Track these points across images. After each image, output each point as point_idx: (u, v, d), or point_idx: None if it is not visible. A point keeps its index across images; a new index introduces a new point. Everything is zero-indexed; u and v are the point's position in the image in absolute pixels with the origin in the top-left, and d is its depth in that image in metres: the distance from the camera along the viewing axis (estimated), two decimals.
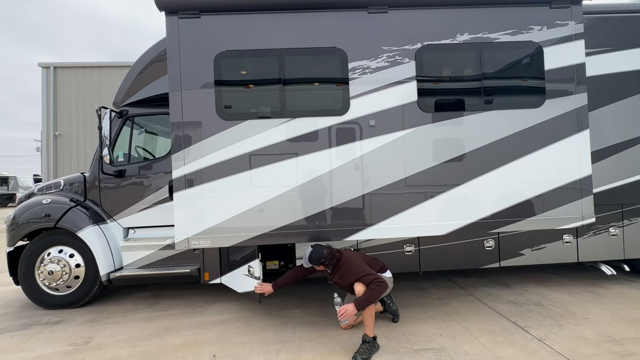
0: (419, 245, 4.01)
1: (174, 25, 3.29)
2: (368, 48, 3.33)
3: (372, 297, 2.78)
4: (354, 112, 3.31)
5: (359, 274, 2.90)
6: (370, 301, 2.77)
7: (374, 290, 2.79)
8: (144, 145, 4.64)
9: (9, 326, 3.55)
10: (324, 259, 2.99)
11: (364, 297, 2.76)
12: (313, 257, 3.01)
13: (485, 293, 4.08)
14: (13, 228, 4.09)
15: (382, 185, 3.35)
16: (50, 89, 13.14)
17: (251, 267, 3.48)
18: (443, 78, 3.52)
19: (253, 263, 3.47)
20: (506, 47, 3.41)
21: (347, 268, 2.98)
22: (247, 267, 3.52)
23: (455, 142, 3.40)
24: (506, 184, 3.39)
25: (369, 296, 2.77)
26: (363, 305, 2.73)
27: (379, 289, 2.81)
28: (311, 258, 3.01)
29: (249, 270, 3.49)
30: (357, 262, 3.02)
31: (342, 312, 2.74)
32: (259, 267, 3.49)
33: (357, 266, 2.97)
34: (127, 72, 4.32)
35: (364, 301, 2.74)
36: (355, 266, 2.97)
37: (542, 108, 3.42)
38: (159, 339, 3.14)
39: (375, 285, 2.81)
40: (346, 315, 2.74)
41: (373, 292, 2.79)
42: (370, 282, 2.83)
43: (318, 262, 3.01)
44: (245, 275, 3.52)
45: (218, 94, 3.31)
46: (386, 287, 2.88)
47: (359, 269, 2.95)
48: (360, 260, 3.08)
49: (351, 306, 2.72)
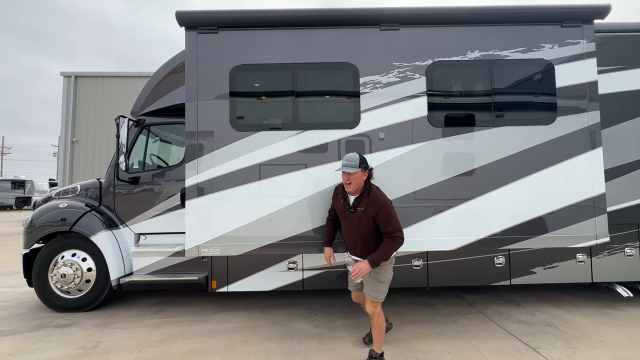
0: (427, 260, 3.97)
1: (193, 40, 3.44)
2: (379, 64, 3.41)
3: (387, 254, 2.58)
4: (365, 126, 3.37)
5: (389, 211, 2.60)
6: (385, 258, 2.58)
7: (389, 246, 2.57)
8: (158, 154, 4.77)
9: (20, 327, 3.62)
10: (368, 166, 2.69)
11: (379, 253, 2.56)
12: (361, 158, 2.64)
13: (495, 311, 3.99)
14: (30, 230, 4.22)
15: (391, 198, 3.36)
16: (71, 97, 13.65)
17: (294, 261, 3.72)
18: (453, 93, 3.56)
19: (297, 257, 3.72)
20: (517, 64, 3.45)
21: (376, 197, 2.63)
22: (287, 263, 3.75)
23: (466, 157, 3.41)
24: (517, 201, 3.37)
25: (384, 252, 2.57)
26: (377, 262, 2.57)
27: (395, 246, 2.58)
28: (362, 160, 2.63)
29: (290, 265, 3.74)
30: (388, 200, 2.71)
31: (356, 271, 2.57)
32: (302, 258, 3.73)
33: (388, 203, 2.66)
34: (145, 83, 4.49)
35: (378, 258, 2.56)
36: (387, 201, 2.66)
37: (554, 125, 3.41)
38: (165, 346, 3.15)
39: (393, 241, 2.57)
40: (360, 273, 2.57)
41: (389, 249, 2.57)
42: (390, 233, 2.57)
43: (365, 165, 2.66)
44: (282, 272, 3.77)
45: (232, 106, 3.41)
46: (402, 244, 2.61)
47: (390, 207, 2.64)
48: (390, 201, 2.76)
49: (365, 264, 2.57)
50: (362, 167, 2.63)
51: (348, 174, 2.64)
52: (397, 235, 2.59)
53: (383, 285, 2.73)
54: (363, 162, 2.66)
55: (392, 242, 2.58)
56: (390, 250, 2.60)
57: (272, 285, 3.84)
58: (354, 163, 2.61)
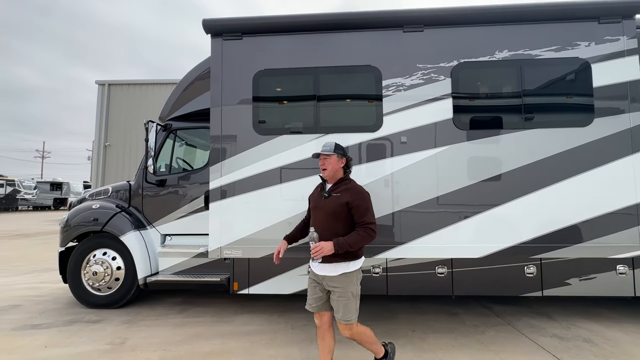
0: (452, 268, 3.82)
1: (218, 47, 3.53)
2: (402, 66, 3.36)
3: (355, 242, 2.32)
4: (387, 129, 3.32)
5: (367, 203, 2.42)
6: (352, 246, 2.31)
7: (361, 236, 2.32)
8: (184, 157, 4.93)
9: (56, 321, 3.82)
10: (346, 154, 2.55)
11: (347, 238, 2.30)
12: (337, 145, 2.53)
13: (526, 324, 3.78)
14: (66, 230, 4.46)
15: (413, 203, 3.29)
16: (104, 104, 14.45)
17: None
18: (480, 95, 3.44)
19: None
20: (549, 63, 3.29)
21: (355, 186, 2.49)
22: (308, 267, 3.63)
23: (493, 161, 3.27)
24: (550, 207, 3.19)
25: (353, 240, 2.31)
26: (342, 247, 2.28)
27: (367, 238, 2.34)
28: (337, 147, 2.52)
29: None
30: (367, 193, 2.49)
31: (318, 249, 2.28)
32: None
33: (367, 195, 2.47)
34: (172, 89, 4.66)
35: (345, 244, 2.29)
36: (366, 193, 2.47)
37: (590, 127, 3.21)
38: (188, 345, 3.22)
39: (365, 232, 2.33)
40: (321, 252, 2.28)
41: (360, 238, 2.32)
42: (365, 223, 2.35)
43: (341, 151, 2.53)
44: (303, 275, 3.69)
45: (255, 110, 3.47)
46: (373, 239, 2.37)
47: (369, 200, 2.45)
48: None
49: (329, 245, 2.27)
50: (337, 152, 2.51)
51: (324, 159, 2.53)
52: (370, 227, 2.35)
53: (351, 303, 2.38)
54: (339, 149, 2.54)
55: (364, 232, 2.33)
56: (360, 239, 2.33)
57: (292, 288, 3.83)
58: (329, 148, 2.53)
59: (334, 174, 2.51)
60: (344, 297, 2.36)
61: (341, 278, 2.37)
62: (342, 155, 2.53)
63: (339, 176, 2.52)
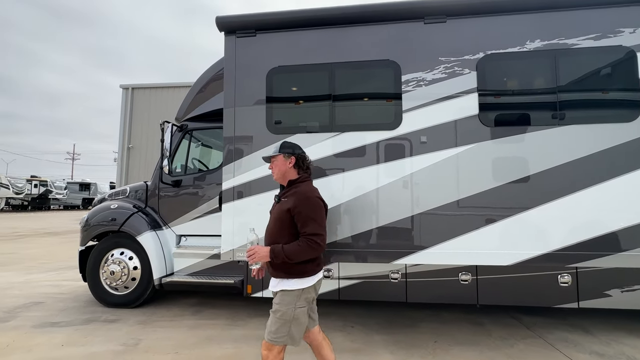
0: (476, 275, 3.57)
1: (231, 45, 3.47)
2: (423, 59, 3.16)
3: (293, 253, 1.99)
4: (407, 127, 3.13)
5: (312, 210, 2.05)
6: (290, 258, 1.98)
7: (301, 247, 1.98)
8: (199, 158, 4.92)
9: (74, 320, 3.87)
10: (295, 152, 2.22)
11: (286, 247, 2.00)
12: (284, 143, 2.27)
13: (560, 338, 3.47)
14: (86, 229, 4.54)
15: (435, 205, 3.08)
16: (128, 107, 14.91)
17: (329, 269, 3.60)
18: (509, 89, 3.19)
19: (332, 265, 3.58)
20: (588, 53, 2.99)
21: (302, 191, 2.12)
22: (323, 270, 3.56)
23: (523, 161, 3.02)
24: (588, 211, 2.90)
25: (291, 250, 1.98)
26: (278, 256, 1.99)
27: (307, 251, 1.99)
28: (284, 145, 2.25)
29: (325, 273, 3.59)
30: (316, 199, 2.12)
31: (252, 252, 2.06)
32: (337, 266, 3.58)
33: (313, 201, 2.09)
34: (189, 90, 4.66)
35: (282, 254, 1.99)
36: (313, 199, 2.10)
37: (636, 122, 2.90)
38: (200, 349, 3.15)
39: (306, 243, 1.99)
40: (255, 257, 2.04)
41: (298, 250, 1.98)
42: (307, 234, 2.00)
43: (291, 150, 2.22)
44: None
45: (269, 107, 3.38)
46: (317, 253, 2.05)
47: (316, 207, 2.08)
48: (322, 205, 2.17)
49: (265, 251, 2.03)
50: (283, 151, 2.22)
51: (272, 161, 2.28)
52: (313, 239, 1.99)
53: (284, 327, 1.98)
54: (286, 147, 2.24)
55: (305, 244, 1.99)
56: (298, 251, 1.99)
57: None
58: (274, 148, 2.28)
59: (282, 176, 2.24)
60: (276, 314, 2.01)
61: (281, 295, 2.04)
62: (289, 155, 2.22)
63: (289, 177, 2.23)
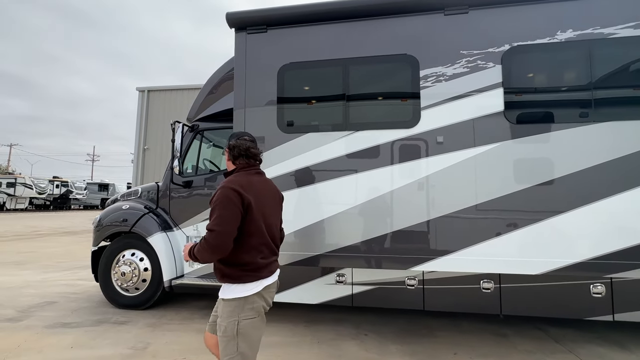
0: (499, 283, 3.34)
1: (242, 41, 3.38)
2: (443, 53, 2.98)
3: (198, 254, 1.73)
4: (426, 124, 2.95)
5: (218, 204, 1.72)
6: (198, 258, 1.74)
7: (200, 245, 1.73)
8: (210, 158, 4.85)
9: (85, 321, 3.85)
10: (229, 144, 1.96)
11: (196, 247, 1.75)
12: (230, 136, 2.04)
13: (593, 353, 3.20)
14: (98, 229, 4.54)
15: (457, 209, 2.89)
16: (144, 109, 15.18)
17: (342, 274, 3.45)
18: (538, 84, 2.96)
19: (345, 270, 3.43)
20: (626, 43, 2.74)
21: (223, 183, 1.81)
22: (335, 276, 3.46)
23: (554, 161, 2.78)
24: (628, 216, 2.64)
25: (196, 251, 1.74)
26: (190, 255, 1.78)
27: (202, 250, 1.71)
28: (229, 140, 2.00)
29: (339, 278, 3.46)
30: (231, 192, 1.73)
31: (183, 249, 1.87)
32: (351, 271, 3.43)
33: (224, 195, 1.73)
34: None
35: (192, 252, 1.77)
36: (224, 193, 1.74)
37: None
38: (208, 356, 3.05)
39: (202, 241, 1.72)
40: (184, 255, 1.84)
41: (199, 248, 1.73)
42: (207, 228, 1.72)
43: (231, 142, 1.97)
44: (330, 284, 3.48)
45: (280, 105, 3.26)
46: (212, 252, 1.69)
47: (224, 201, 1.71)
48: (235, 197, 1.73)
49: (186, 248, 1.82)
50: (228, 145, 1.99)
51: None
52: (205, 236, 1.71)
53: (225, 343, 1.68)
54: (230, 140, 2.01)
55: (201, 241, 1.73)
56: (199, 250, 1.72)
57: (319, 298, 3.56)
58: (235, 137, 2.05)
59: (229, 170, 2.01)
60: (219, 331, 1.72)
61: (221, 306, 1.77)
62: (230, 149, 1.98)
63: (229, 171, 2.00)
